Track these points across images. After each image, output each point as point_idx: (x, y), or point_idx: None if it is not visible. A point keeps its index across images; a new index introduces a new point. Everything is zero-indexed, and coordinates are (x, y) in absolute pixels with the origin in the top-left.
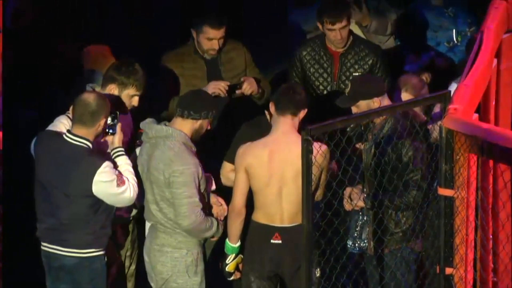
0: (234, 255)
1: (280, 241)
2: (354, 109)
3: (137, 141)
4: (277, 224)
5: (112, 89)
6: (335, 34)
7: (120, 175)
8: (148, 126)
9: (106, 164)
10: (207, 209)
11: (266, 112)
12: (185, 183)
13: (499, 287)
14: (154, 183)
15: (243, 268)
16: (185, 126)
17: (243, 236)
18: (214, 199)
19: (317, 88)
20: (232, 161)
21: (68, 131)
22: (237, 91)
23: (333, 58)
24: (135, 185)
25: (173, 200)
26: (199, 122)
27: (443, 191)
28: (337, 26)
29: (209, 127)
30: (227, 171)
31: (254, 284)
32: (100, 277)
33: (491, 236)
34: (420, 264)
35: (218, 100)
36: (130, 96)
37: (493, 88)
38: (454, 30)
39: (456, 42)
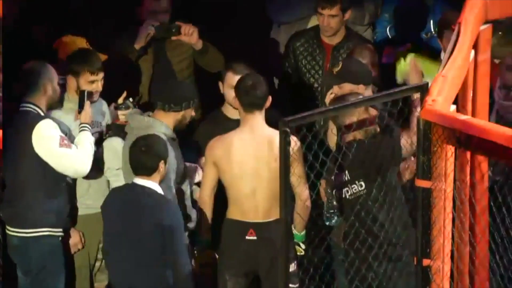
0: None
1: (255, 237)
2: (335, 89)
3: (107, 133)
4: (252, 220)
5: (70, 80)
6: (323, 19)
7: (68, 142)
8: (131, 117)
9: (49, 122)
10: (189, 202)
11: (220, 83)
12: None
13: (476, 280)
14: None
15: (218, 268)
16: (167, 118)
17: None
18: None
19: (308, 81)
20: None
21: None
22: (173, 37)
23: (325, 51)
24: (86, 158)
25: None
26: (181, 113)
27: (421, 183)
28: (326, 11)
29: (193, 114)
30: None
31: (230, 282)
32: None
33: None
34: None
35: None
36: (89, 82)
37: (471, 80)
38: (432, 21)
39: (433, 33)
